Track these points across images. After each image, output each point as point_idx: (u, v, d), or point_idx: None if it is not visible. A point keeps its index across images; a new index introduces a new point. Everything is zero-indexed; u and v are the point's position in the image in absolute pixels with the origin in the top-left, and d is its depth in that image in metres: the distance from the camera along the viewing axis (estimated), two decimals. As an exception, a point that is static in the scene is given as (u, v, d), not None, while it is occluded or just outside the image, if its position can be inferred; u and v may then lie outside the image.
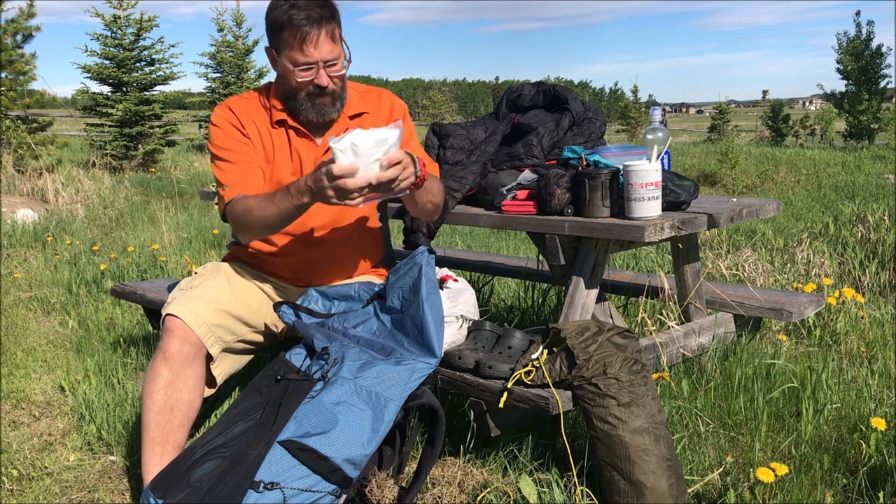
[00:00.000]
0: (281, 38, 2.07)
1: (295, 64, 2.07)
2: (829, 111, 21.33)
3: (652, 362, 2.34)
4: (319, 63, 2.07)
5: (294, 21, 2.02)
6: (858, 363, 2.99)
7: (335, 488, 1.71)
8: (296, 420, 1.72)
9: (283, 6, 2.04)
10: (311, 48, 2.04)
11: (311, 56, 2.05)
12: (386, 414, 1.77)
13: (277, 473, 1.66)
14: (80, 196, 8.36)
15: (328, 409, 1.73)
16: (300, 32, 2.02)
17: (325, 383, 1.79)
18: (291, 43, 2.05)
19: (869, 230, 5.08)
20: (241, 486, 1.65)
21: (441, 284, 2.23)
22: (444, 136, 2.80)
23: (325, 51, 2.05)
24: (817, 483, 2.04)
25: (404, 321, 1.96)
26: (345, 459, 1.70)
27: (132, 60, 13.73)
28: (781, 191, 12.04)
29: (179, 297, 2.08)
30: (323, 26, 2.03)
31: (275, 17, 2.06)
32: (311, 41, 2.03)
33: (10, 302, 4.43)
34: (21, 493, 2.26)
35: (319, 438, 1.69)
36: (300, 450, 1.68)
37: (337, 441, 1.70)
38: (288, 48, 2.06)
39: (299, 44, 2.03)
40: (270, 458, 1.67)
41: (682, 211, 2.37)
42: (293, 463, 1.68)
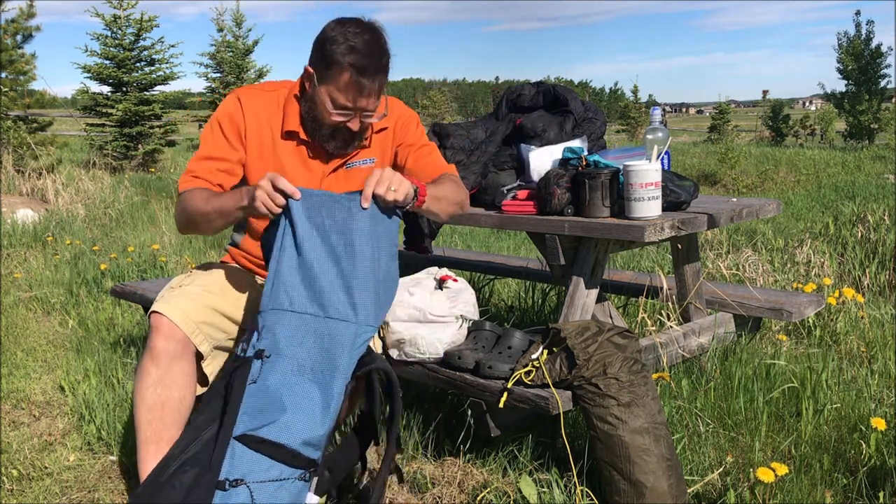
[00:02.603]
0: (329, 73, 1.98)
1: (335, 105, 2.00)
2: (829, 111, 21.34)
3: (652, 362, 2.34)
4: (358, 111, 2.02)
5: (351, 67, 1.94)
6: (858, 363, 2.99)
7: (301, 472, 1.71)
8: (246, 413, 1.70)
9: (342, 44, 1.94)
10: (357, 98, 1.98)
11: (353, 103, 1.99)
12: (334, 387, 1.74)
13: (240, 469, 1.66)
14: (80, 196, 8.36)
15: (273, 395, 1.71)
16: (352, 81, 1.95)
17: (262, 363, 1.74)
18: (338, 84, 1.97)
19: (869, 230, 5.08)
20: (209, 489, 1.65)
21: (441, 284, 2.24)
22: (444, 136, 2.80)
23: (368, 103, 2.00)
24: (817, 483, 2.04)
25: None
26: (302, 443, 1.70)
27: (132, 60, 13.72)
28: (781, 191, 12.04)
29: (167, 295, 2.07)
30: (376, 80, 1.97)
31: (329, 51, 1.96)
32: (362, 93, 1.97)
33: (10, 302, 4.43)
34: (21, 493, 2.26)
35: (272, 428, 1.68)
36: (256, 442, 1.68)
37: (289, 426, 1.69)
38: (332, 86, 1.98)
39: (346, 90, 1.97)
40: (231, 456, 1.67)
41: (682, 211, 2.37)
42: (253, 456, 1.68)
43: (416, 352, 2.17)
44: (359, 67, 1.93)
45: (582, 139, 2.59)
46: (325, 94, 2.00)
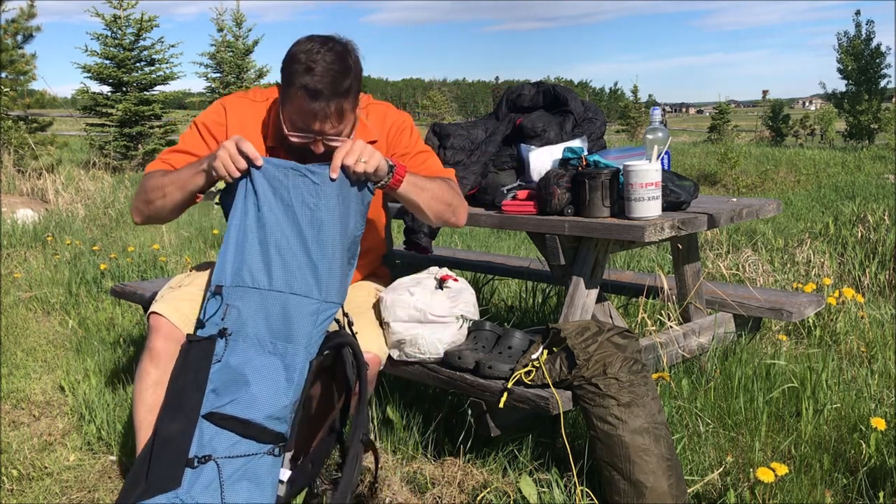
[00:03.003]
0: (287, 93, 1.90)
1: (292, 126, 1.92)
2: (829, 111, 21.35)
3: (652, 362, 2.34)
4: (318, 135, 1.91)
5: (303, 89, 1.84)
6: (858, 363, 2.99)
7: (270, 447, 1.72)
8: (212, 391, 1.71)
9: (301, 62, 1.85)
10: (312, 122, 1.89)
11: (310, 127, 1.90)
12: (296, 360, 1.74)
13: (209, 446, 1.67)
14: (80, 196, 8.36)
15: (236, 372, 1.71)
16: (305, 104, 1.85)
17: (225, 341, 1.75)
18: (294, 106, 1.88)
19: (869, 230, 5.08)
20: (177, 466, 1.65)
21: (441, 284, 2.23)
22: (444, 136, 2.80)
23: (327, 127, 1.90)
24: (817, 483, 2.04)
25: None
26: (267, 417, 1.71)
27: (132, 60, 13.72)
28: (781, 191, 12.05)
29: (167, 295, 2.06)
30: (332, 104, 1.86)
31: (289, 70, 1.88)
32: (316, 117, 1.87)
33: (10, 302, 4.43)
34: (21, 493, 2.26)
35: (236, 405, 1.69)
36: (222, 419, 1.69)
37: (254, 401, 1.70)
38: (290, 107, 1.90)
39: (301, 113, 1.88)
40: (199, 434, 1.68)
41: (682, 211, 2.37)
42: (221, 433, 1.69)
43: (416, 352, 2.17)
44: (312, 91, 1.84)
45: (582, 139, 2.59)
46: (286, 115, 1.93)
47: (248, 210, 1.81)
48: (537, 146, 2.59)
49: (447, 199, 2.06)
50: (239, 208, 1.83)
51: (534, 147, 2.58)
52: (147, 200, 2.02)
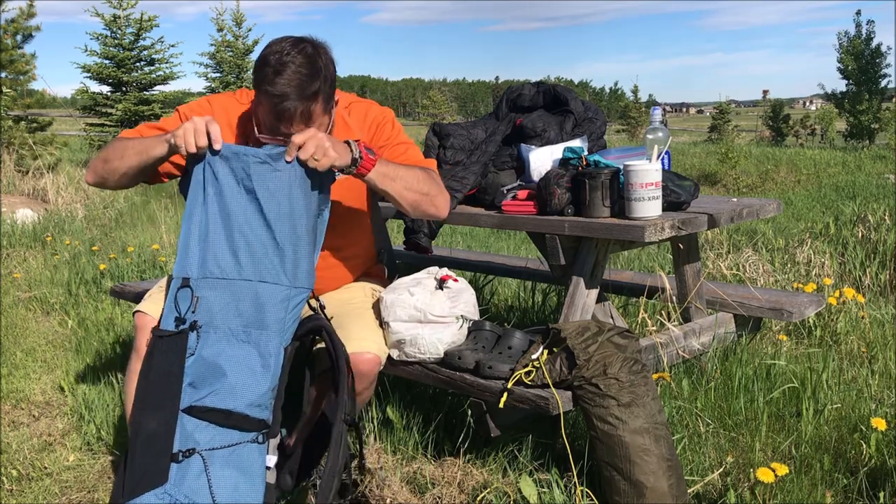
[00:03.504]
0: (257, 95, 1.90)
1: (264, 128, 1.92)
2: (829, 111, 21.34)
3: (652, 362, 2.34)
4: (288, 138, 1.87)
5: (271, 92, 1.84)
6: (859, 363, 2.99)
7: (254, 434, 1.72)
8: (189, 384, 1.72)
9: (270, 66, 1.85)
10: (280, 125, 1.88)
11: (278, 129, 1.89)
12: (270, 346, 1.75)
13: (191, 439, 1.68)
14: (79, 196, 8.36)
15: (211, 364, 1.72)
16: (274, 107, 1.85)
17: (197, 334, 1.75)
18: (264, 108, 1.89)
19: (869, 230, 5.07)
20: (163, 462, 1.66)
21: (441, 284, 2.23)
22: (444, 136, 2.80)
23: (294, 129, 1.87)
24: (817, 483, 2.04)
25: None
26: (248, 405, 1.71)
27: (132, 60, 13.72)
28: (782, 191, 12.04)
29: (154, 294, 2.07)
30: (300, 106, 1.85)
31: (259, 73, 1.88)
32: (284, 120, 1.87)
33: (10, 302, 4.43)
34: (21, 493, 2.26)
35: (215, 395, 1.70)
36: (203, 411, 1.70)
37: (233, 391, 1.71)
38: (260, 108, 1.91)
39: (269, 115, 1.88)
40: (181, 428, 1.69)
41: (683, 211, 2.37)
42: (203, 425, 1.69)
43: (416, 352, 2.17)
44: (279, 94, 1.83)
45: (582, 139, 2.59)
46: (258, 116, 1.93)
47: (209, 198, 1.81)
48: (537, 146, 2.59)
49: (423, 188, 2.03)
50: (199, 196, 1.82)
51: (534, 147, 2.58)
52: (105, 159, 2.01)
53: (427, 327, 2.16)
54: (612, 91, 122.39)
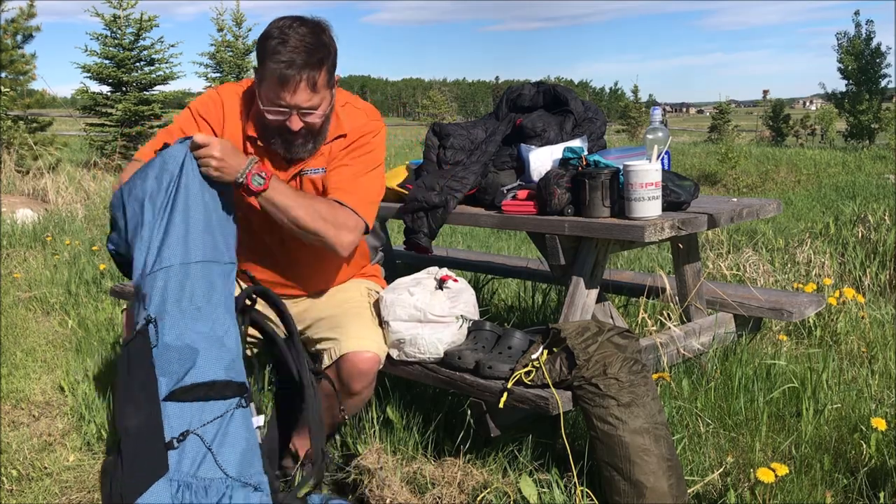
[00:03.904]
0: (262, 69, 1.94)
1: (268, 101, 1.95)
2: (829, 111, 21.34)
3: (652, 362, 2.34)
4: (293, 109, 1.95)
5: (276, 59, 1.88)
6: (859, 363, 2.99)
7: (237, 399, 1.75)
8: (163, 374, 1.73)
9: (274, 38, 1.90)
10: (286, 93, 1.91)
11: (284, 100, 1.92)
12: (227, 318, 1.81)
13: (181, 424, 1.70)
14: (79, 196, 8.36)
15: (178, 346, 1.75)
16: (279, 74, 1.89)
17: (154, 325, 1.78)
18: (269, 79, 1.92)
19: (869, 230, 5.07)
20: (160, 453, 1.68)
21: (441, 284, 2.23)
22: (444, 136, 2.80)
23: (300, 98, 1.92)
24: (817, 483, 2.04)
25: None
26: (226, 370, 1.75)
27: (132, 60, 13.71)
28: (782, 191, 12.05)
29: None
30: (304, 73, 1.89)
31: (263, 45, 1.93)
32: (289, 87, 1.90)
33: (10, 302, 4.43)
34: (21, 493, 2.26)
35: (195, 371, 1.73)
36: (185, 391, 1.72)
37: (209, 362, 1.74)
38: (266, 82, 1.93)
39: (275, 85, 1.91)
40: (166, 417, 1.70)
41: (683, 211, 2.36)
42: (187, 406, 1.72)
43: (416, 352, 2.17)
44: (286, 60, 1.87)
45: (582, 139, 2.59)
46: (262, 93, 1.96)
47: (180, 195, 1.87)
48: (537, 146, 2.59)
49: (315, 226, 1.97)
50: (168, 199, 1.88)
51: (534, 147, 2.58)
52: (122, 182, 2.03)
53: (427, 327, 2.16)
54: (612, 91, 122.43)
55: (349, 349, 2.05)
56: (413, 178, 2.80)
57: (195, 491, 1.66)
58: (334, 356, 2.06)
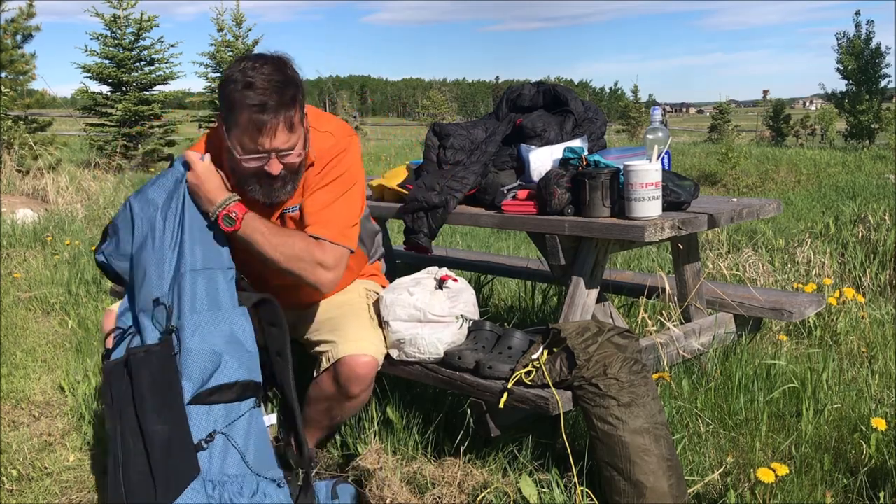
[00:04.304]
0: (231, 116, 1.84)
1: (245, 150, 1.86)
2: (829, 111, 21.32)
3: (652, 362, 2.34)
4: (272, 153, 1.87)
5: (247, 106, 1.79)
6: (859, 363, 2.99)
7: (254, 399, 1.85)
8: (188, 379, 1.78)
9: (238, 82, 1.81)
10: (264, 139, 1.83)
11: (263, 146, 1.84)
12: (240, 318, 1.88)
13: (207, 424, 1.77)
14: (79, 196, 8.35)
15: (203, 351, 1.80)
16: (253, 121, 1.80)
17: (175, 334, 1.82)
18: (242, 126, 1.83)
19: (869, 230, 5.07)
20: (191, 456, 1.74)
21: (441, 284, 2.23)
22: (444, 136, 2.80)
23: (279, 141, 1.85)
24: (817, 483, 2.04)
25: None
26: (246, 370, 1.83)
27: (132, 60, 13.72)
28: (782, 191, 12.04)
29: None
30: (280, 115, 1.81)
31: (227, 92, 1.83)
32: (266, 132, 1.82)
33: (10, 302, 4.42)
34: (21, 493, 2.26)
35: (220, 373, 1.79)
36: (210, 393, 1.78)
37: (230, 363, 1.81)
38: (238, 130, 1.85)
39: (250, 131, 1.82)
40: (192, 419, 1.76)
41: (683, 211, 2.37)
42: (211, 408, 1.78)
43: (416, 352, 2.17)
44: (258, 104, 1.79)
45: (582, 139, 2.59)
46: (236, 141, 1.86)
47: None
48: (537, 146, 2.59)
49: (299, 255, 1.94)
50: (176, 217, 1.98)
51: (534, 147, 2.58)
52: None
53: (427, 327, 2.16)
54: (612, 91, 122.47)
55: (346, 352, 2.04)
56: (413, 178, 2.80)
57: (230, 490, 1.75)
58: (332, 359, 2.06)
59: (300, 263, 1.95)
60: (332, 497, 2.04)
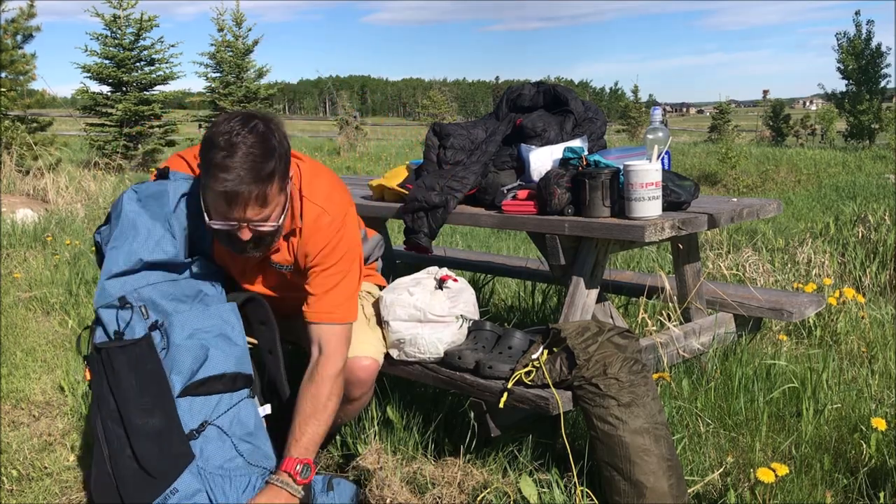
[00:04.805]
0: (205, 178, 1.78)
1: (216, 214, 1.81)
2: (829, 111, 21.32)
3: (652, 362, 2.34)
4: (241, 222, 1.81)
5: (221, 176, 1.72)
6: (859, 363, 2.99)
7: (247, 391, 1.89)
8: (175, 373, 1.81)
9: (221, 148, 1.73)
10: (234, 210, 1.78)
11: (233, 216, 1.79)
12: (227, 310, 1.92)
13: (199, 416, 1.81)
14: (80, 196, 8.35)
15: (189, 345, 1.83)
16: (225, 193, 1.74)
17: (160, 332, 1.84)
18: (213, 192, 1.77)
19: (869, 230, 5.07)
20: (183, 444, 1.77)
21: (441, 284, 2.23)
22: (444, 136, 2.80)
23: (251, 214, 1.79)
24: (817, 483, 2.04)
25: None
26: (236, 363, 1.87)
27: (132, 60, 13.71)
28: (782, 191, 12.04)
29: None
30: (254, 190, 1.75)
31: (208, 154, 1.76)
32: (237, 205, 1.76)
33: (10, 302, 4.42)
34: (21, 493, 2.26)
35: (207, 366, 1.83)
36: (200, 385, 1.81)
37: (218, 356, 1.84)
38: (210, 192, 1.78)
39: (219, 200, 1.77)
40: (182, 410, 1.79)
41: (683, 211, 2.37)
42: (201, 399, 1.82)
43: (416, 352, 2.17)
44: (232, 179, 1.72)
45: (582, 139, 2.59)
46: (208, 199, 1.82)
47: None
48: (537, 146, 2.59)
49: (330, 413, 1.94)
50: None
51: (534, 147, 2.58)
52: None
53: (427, 327, 2.16)
54: (612, 91, 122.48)
55: (348, 355, 2.04)
56: (413, 178, 2.80)
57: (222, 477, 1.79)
58: None
59: (335, 407, 1.96)
60: (328, 489, 2.05)
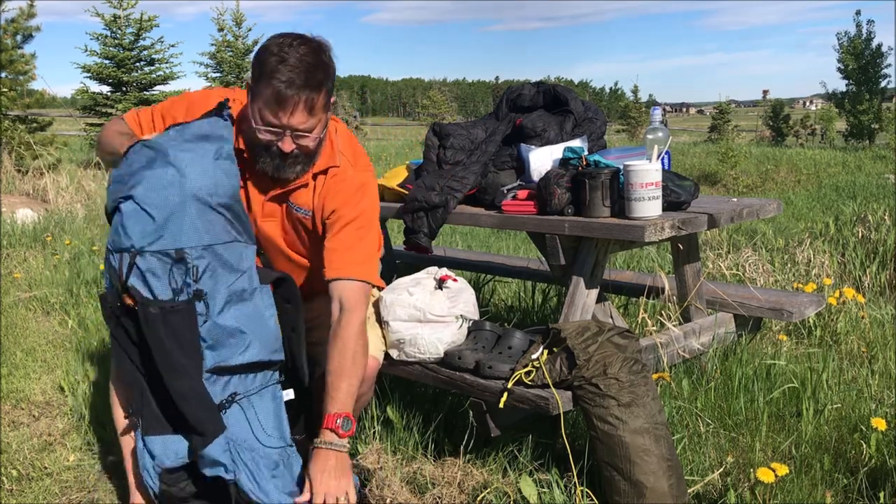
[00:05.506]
0: (258, 86, 1.86)
1: (262, 121, 1.88)
2: (829, 111, 21.32)
3: (652, 362, 2.34)
4: (287, 130, 1.88)
5: (274, 78, 1.81)
6: (859, 363, 2.99)
7: (276, 374, 1.93)
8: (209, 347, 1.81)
9: (274, 54, 1.83)
10: (282, 114, 1.85)
11: (279, 120, 1.86)
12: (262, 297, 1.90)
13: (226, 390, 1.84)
14: (80, 196, 8.36)
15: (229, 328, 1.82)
16: (276, 93, 1.82)
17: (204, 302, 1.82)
18: (265, 98, 1.84)
19: (869, 230, 5.07)
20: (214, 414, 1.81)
21: (441, 284, 2.23)
22: (444, 136, 2.80)
23: (297, 120, 1.86)
24: (817, 483, 2.04)
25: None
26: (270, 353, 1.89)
27: (132, 60, 13.71)
28: (782, 191, 12.05)
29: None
30: (303, 94, 1.83)
31: (260, 61, 1.86)
32: (286, 107, 1.84)
33: (10, 302, 4.42)
34: (21, 493, 2.26)
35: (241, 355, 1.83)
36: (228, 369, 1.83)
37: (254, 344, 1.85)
38: (261, 100, 1.86)
39: (271, 104, 1.84)
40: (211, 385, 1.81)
41: (683, 211, 2.37)
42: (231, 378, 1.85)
43: (416, 352, 2.17)
44: (285, 80, 1.81)
45: (582, 139, 2.59)
46: (256, 111, 1.88)
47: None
48: (537, 146, 2.59)
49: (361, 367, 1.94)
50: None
51: (534, 147, 2.58)
52: (99, 142, 2.08)
53: (427, 327, 2.16)
54: (612, 91, 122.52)
55: None
56: (413, 178, 2.80)
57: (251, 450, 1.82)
58: None
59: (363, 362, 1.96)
60: None
